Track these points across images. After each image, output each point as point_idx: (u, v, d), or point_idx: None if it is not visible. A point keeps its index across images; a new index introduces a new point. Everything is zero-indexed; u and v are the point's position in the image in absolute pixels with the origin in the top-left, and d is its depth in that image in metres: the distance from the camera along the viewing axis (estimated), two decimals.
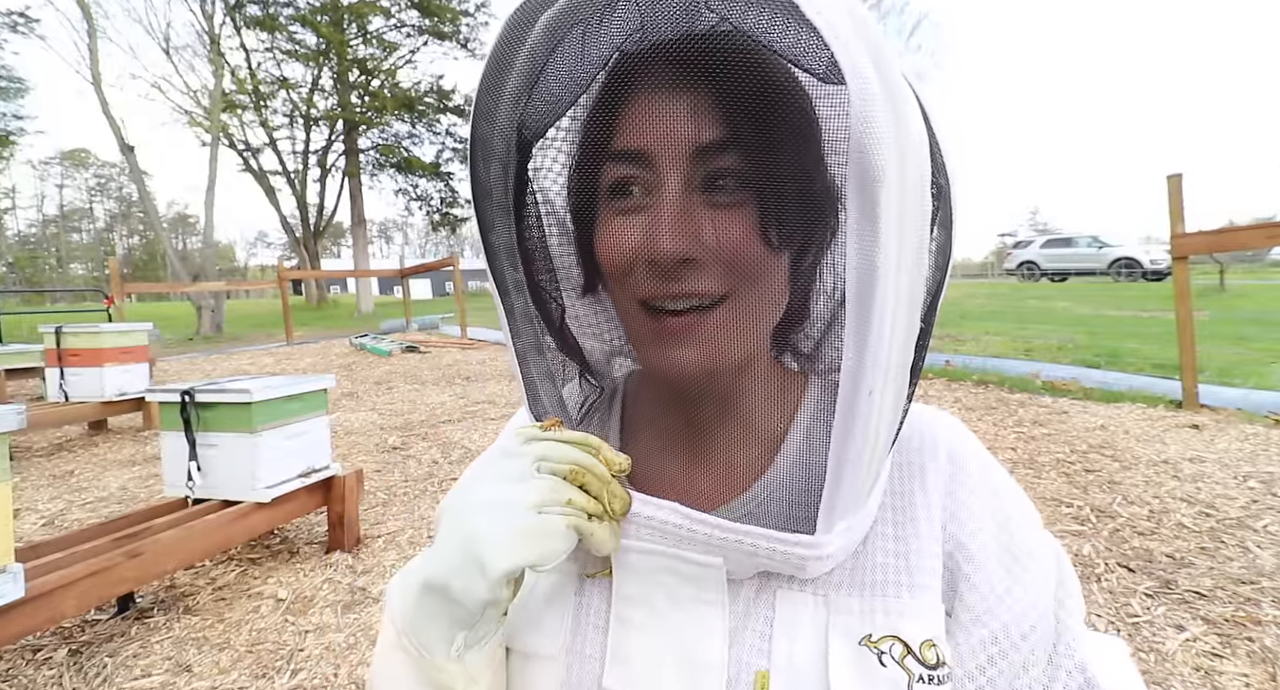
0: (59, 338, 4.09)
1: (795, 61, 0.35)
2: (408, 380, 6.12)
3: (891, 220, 0.32)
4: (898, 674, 0.38)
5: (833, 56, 0.31)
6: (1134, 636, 1.72)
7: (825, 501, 0.38)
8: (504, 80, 0.42)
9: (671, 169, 0.39)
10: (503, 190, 0.46)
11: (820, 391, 0.49)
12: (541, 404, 0.49)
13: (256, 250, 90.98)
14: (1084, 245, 17.41)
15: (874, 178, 0.31)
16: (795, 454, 0.45)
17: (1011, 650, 0.40)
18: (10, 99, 22.24)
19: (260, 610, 2.08)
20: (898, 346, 0.35)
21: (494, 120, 0.43)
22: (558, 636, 0.44)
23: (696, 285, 0.39)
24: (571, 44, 0.41)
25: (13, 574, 1.52)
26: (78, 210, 72.20)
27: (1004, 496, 0.45)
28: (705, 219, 0.39)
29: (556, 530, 0.38)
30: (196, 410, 2.23)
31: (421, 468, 3.49)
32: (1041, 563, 0.43)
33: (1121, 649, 0.44)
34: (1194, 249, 3.88)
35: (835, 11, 0.32)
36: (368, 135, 22.20)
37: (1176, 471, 2.77)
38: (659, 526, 0.40)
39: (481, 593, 0.37)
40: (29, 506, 3.12)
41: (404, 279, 12.01)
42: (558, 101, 0.45)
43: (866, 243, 0.33)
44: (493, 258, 0.47)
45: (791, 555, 0.38)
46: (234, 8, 18.41)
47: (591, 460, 0.41)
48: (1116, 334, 6.90)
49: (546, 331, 0.51)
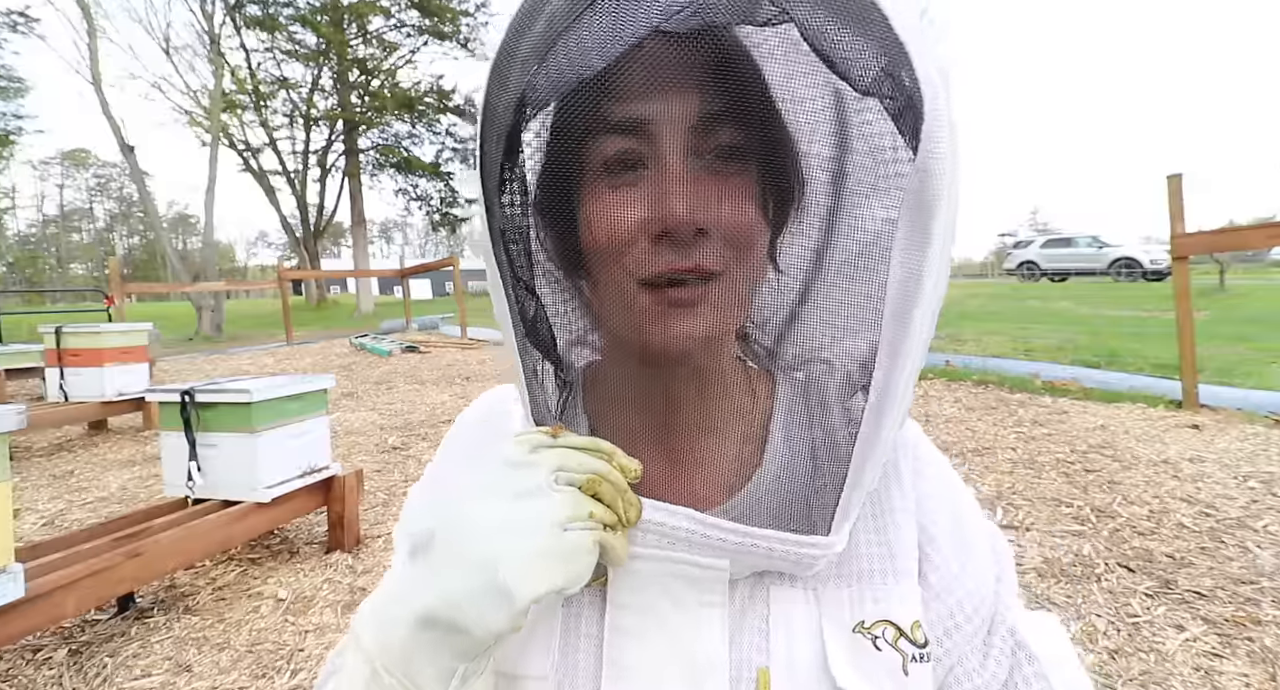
0: (59, 338, 4.09)
1: (862, 81, 0.35)
2: (408, 380, 6.12)
3: (937, 246, 0.34)
4: (892, 656, 0.40)
5: (915, 75, 0.32)
6: (1134, 636, 1.72)
7: (842, 505, 0.39)
8: (521, 51, 0.38)
9: (675, 140, 0.38)
10: (503, 165, 0.42)
11: (793, 386, 0.49)
12: (544, 408, 0.45)
13: (256, 250, 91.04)
14: (1084, 245, 17.42)
15: (931, 200, 0.33)
16: (788, 451, 0.46)
17: (965, 622, 0.43)
18: (10, 99, 22.24)
19: (260, 610, 2.08)
20: (920, 358, 0.37)
21: (506, 86, 0.39)
22: (547, 654, 0.42)
23: (705, 258, 0.39)
24: (603, 15, 0.36)
25: (13, 574, 1.52)
26: (78, 210, 72.18)
27: (955, 490, 0.49)
28: (710, 185, 0.39)
29: (584, 548, 0.36)
30: (196, 410, 2.23)
31: (421, 468, 3.49)
32: (984, 545, 0.47)
33: (1052, 621, 0.48)
34: (1194, 249, 3.88)
35: (914, 32, 0.32)
36: (368, 135, 22.18)
37: (1176, 471, 2.76)
38: (670, 532, 0.39)
39: (501, 623, 0.34)
40: (29, 506, 3.12)
41: (404, 279, 12.00)
42: (578, 77, 0.40)
43: (913, 263, 0.34)
44: (497, 246, 0.42)
45: (805, 556, 0.39)
46: (234, 8, 18.39)
47: (608, 468, 0.38)
48: (1116, 334, 6.90)
49: (523, 324, 0.46)
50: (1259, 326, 7.13)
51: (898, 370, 0.36)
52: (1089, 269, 17.00)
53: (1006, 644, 0.44)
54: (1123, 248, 16.70)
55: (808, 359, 0.50)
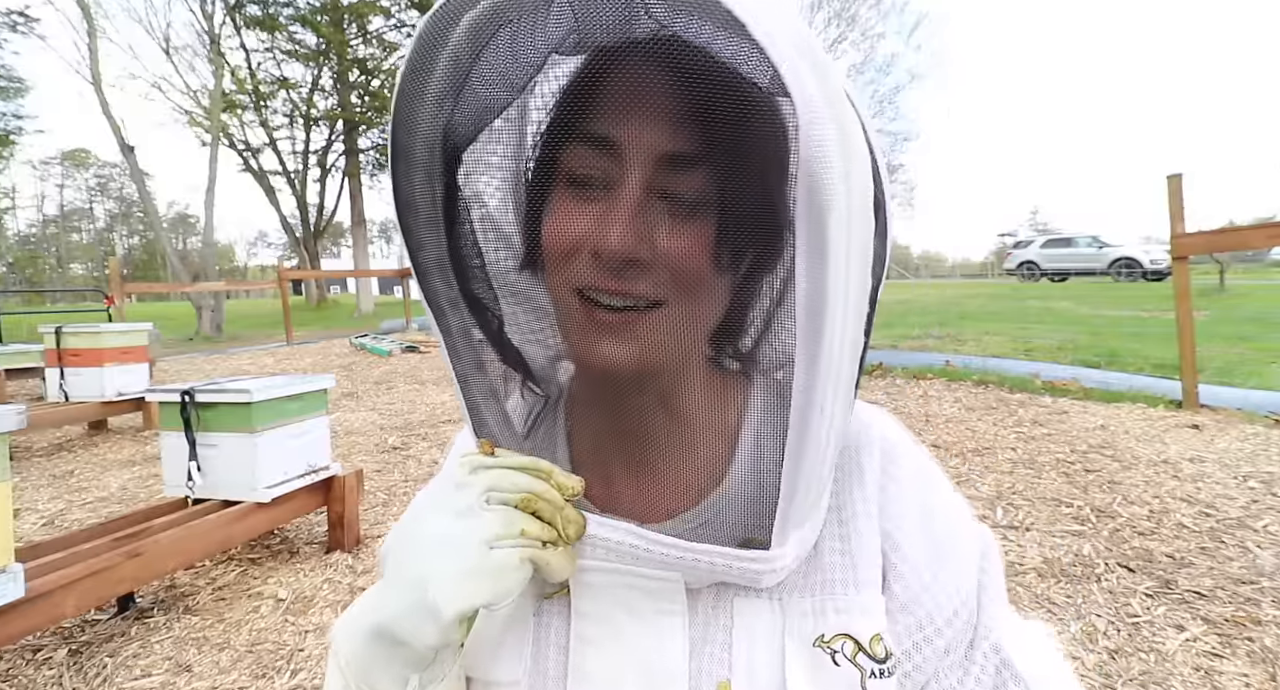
0: (59, 338, 4.09)
1: (740, 77, 0.35)
2: (408, 380, 6.12)
3: (840, 246, 0.32)
4: (850, 672, 0.39)
5: (777, 73, 0.30)
6: (1134, 636, 1.72)
7: (780, 516, 0.37)
8: (426, 85, 0.40)
9: (635, 168, 0.38)
10: (429, 202, 0.44)
11: (762, 400, 0.48)
12: (487, 427, 0.46)
13: (256, 250, 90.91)
14: (1084, 245, 17.44)
15: (823, 203, 0.31)
16: (744, 467, 0.45)
17: (935, 635, 0.41)
18: (10, 99, 22.25)
19: (260, 610, 2.08)
20: (846, 362, 0.36)
21: (415, 129, 0.42)
22: (519, 661, 0.43)
23: (636, 286, 0.39)
24: (500, 46, 0.40)
25: (13, 574, 1.52)
26: (78, 210, 72.15)
27: (929, 490, 0.46)
28: (659, 224, 0.39)
29: (510, 565, 0.37)
30: (196, 410, 2.23)
31: (421, 468, 3.49)
32: (964, 552, 0.44)
33: (1041, 630, 0.45)
34: (1194, 249, 3.88)
35: (778, 26, 0.30)
36: (368, 135, 22.16)
37: (1176, 471, 2.77)
38: (614, 547, 0.39)
39: (432, 637, 0.37)
40: (29, 506, 3.12)
41: (404, 279, 12.01)
42: (487, 106, 0.43)
43: (816, 270, 0.32)
44: (424, 278, 0.45)
45: (747, 570, 0.38)
46: (234, 8, 18.39)
47: (543, 486, 0.39)
48: (1117, 334, 6.90)
49: (487, 344, 0.49)
50: (1259, 326, 7.13)
51: (818, 378, 0.34)
52: (1089, 269, 17.02)
53: (990, 662, 0.42)
54: (1123, 248, 16.73)
55: (766, 365, 0.48)
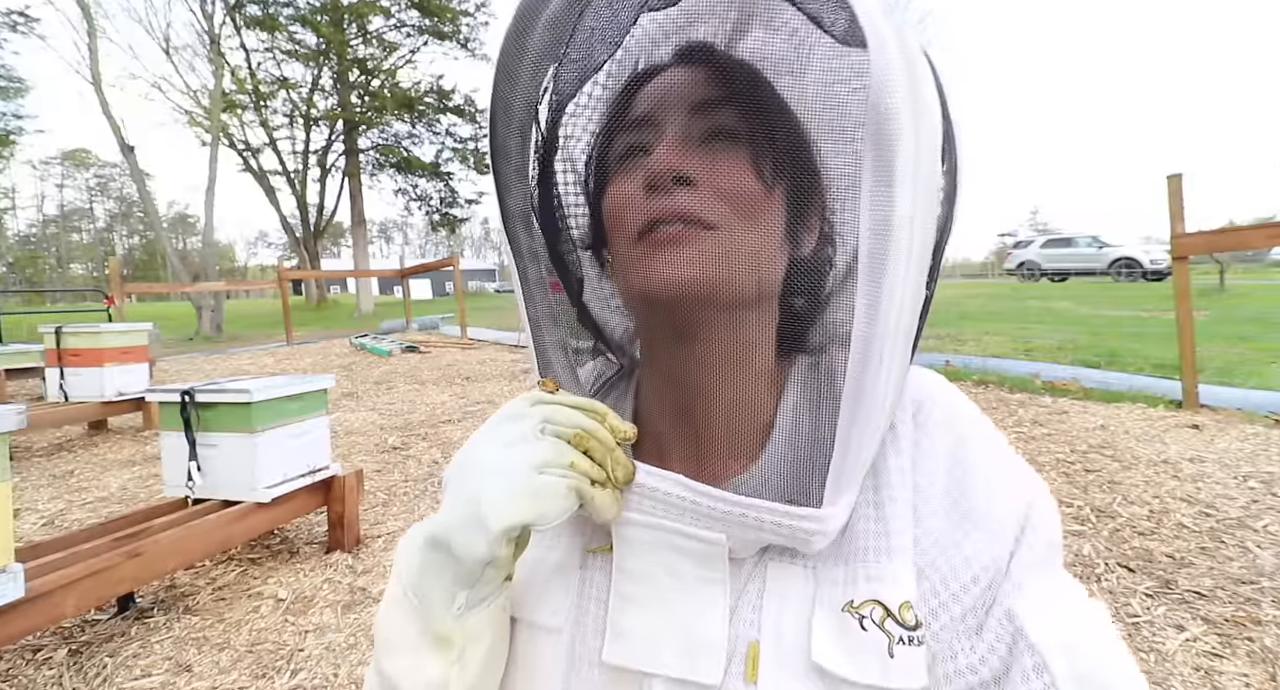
0: (59, 338, 4.09)
1: (815, 20, 0.39)
2: (408, 380, 6.11)
3: (906, 181, 0.33)
4: (878, 637, 0.38)
5: (854, 16, 0.33)
6: (1134, 636, 1.72)
7: (833, 473, 0.38)
8: (529, 40, 0.43)
9: (670, 121, 0.42)
10: (521, 153, 0.47)
11: (800, 358, 0.48)
12: (552, 369, 0.48)
13: (256, 250, 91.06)
14: (1084, 245, 17.41)
15: (890, 137, 0.33)
16: (797, 424, 0.45)
17: (951, 601, 0.39)
18: (10, 99, 22.23)
19: (260, 610, 2.08)
20: (907, 310, 0.36)
21: (516, 80, 0.44)
22: (562, 610, 0.45)
23: (688, 206, 0.40)
24: (600, 5, 0.43)
25: (13, 574, 1.52)
26: (78, 210, 72.13)
27: (966, 443, 0.43)
28: (702, 154, 0.42)
29: (556, 491, 0.38)
30: (196, 410, 2.23)
31: (421, 468, 3.49)
32: (998, 514, 0.40)
33: (1072, 595, 0.39)
34: (1194, 249, 3.87)
35: None
36: (368, 135, 22.19)
37: (1176, 471, 2.77)
38: (662, 498, 0.40)
39: (481, 549, 0.38)
40: (29, 506, 3.12)
41: (404, 279, 12.00)
42: (587, 64, 0.46)
43: (881, 202, 0.33)
44: (508, 220, 0.47)
45: (798, 529, 0.38)
46: (234, 8, 18.39)
47: (595, 425, 0.41)
48: (1116, 334, 6.90)
49: (569, 301, 0.52)
50: (1259, 326, 7.13)
51: (878, 321, 0.34)
52: (1089, 269, 17.00)
53: (1005, 630, 0.37)
54: (1123, 248, 16.70)
55: (812, 332, 0.49)
